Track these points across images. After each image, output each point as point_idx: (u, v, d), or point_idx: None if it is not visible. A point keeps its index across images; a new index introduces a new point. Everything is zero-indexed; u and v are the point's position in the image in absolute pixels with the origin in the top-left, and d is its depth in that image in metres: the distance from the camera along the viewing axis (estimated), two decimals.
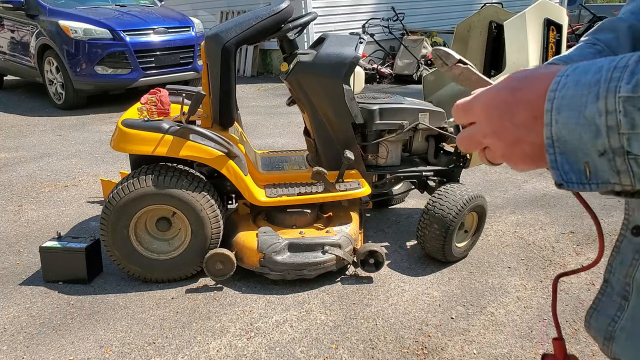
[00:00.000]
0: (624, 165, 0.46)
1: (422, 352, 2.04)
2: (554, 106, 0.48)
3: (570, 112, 0.47)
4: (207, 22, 9.52)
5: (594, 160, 0.47)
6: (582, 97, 0.47)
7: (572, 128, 0.47)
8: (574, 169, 0.49)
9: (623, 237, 0.64)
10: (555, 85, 0.49)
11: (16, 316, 2.31)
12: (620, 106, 0.44)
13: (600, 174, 0.48)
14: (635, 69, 0.44)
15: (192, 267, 2.49)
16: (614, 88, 0.44)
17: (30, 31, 6.78)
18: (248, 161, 2.59)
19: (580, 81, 0.47)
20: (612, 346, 0.64)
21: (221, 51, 2.40)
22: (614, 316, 0.64)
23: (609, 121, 0.45)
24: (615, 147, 0.45)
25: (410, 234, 3.01)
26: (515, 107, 0.52)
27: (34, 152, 4.84)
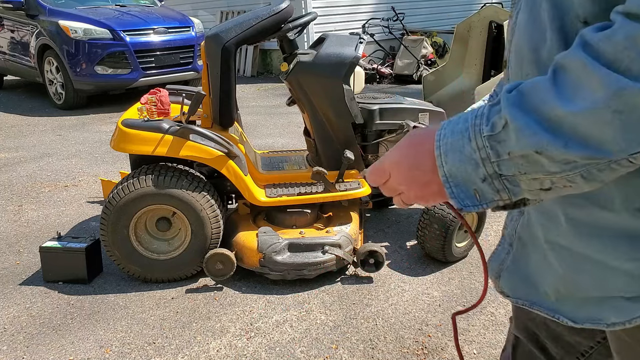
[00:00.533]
0: (500, 185, 0.61)
1: (422, 352, 2.04)
2: (441, 152, 0.64)
3: (453, 154, 0.63)
4: (207, 22, 9.51)
5: (479, 186, 0.62)
6: (459, 141, 0.62)
7: (458, 165, 0.63)
8: (467, 196, 0.64)
9: None
10: (438, 136, 0.65)
11: (16, 316, 2.31)
12: (486, 143, 0.60)
13: (486, 195, 0.63)
14: (489, 114, 0.60)
15: (192, 267, 2.50)
16: (478, 130, 0.61)
17: (30, 31, 6.78)
18: (248, 161, 2.59)
19: (454, 130, 0.63)
20: (499, 282, 0.84)
21: (221, 51, 2.40)
22: (502, 259, 0.84)
23: (481, 155, 0.60)
24: (491, 172, 0.61)
25: (410, 234, 3.01)
26: (421, 158, 0.67)
27: (34, 152, 4.84)
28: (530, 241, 0.79)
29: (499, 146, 0.59)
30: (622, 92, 0.50)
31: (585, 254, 0.70)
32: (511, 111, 0.57)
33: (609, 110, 0.51)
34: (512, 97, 0.58)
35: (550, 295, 0.76)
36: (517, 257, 0.81)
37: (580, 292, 0.72)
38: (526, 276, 0.79)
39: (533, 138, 0.56)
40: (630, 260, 0.66)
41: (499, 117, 0.59)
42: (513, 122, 0.57)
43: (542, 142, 0.55)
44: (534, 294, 0.78)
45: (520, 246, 0.81)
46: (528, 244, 0.79)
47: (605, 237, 0.67)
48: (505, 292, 0.83)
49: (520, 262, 0.80)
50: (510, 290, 0.82)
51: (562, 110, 0.54)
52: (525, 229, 0.80)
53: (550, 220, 0.73)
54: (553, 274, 0.75)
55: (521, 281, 0.80)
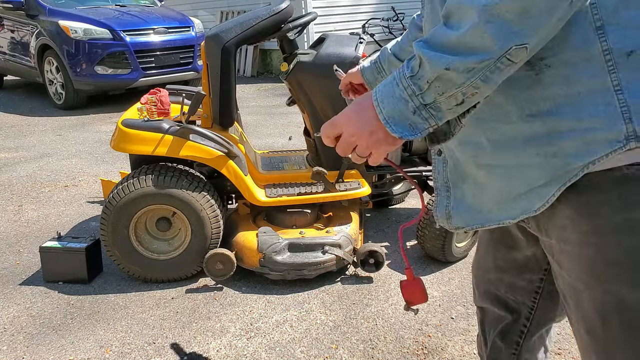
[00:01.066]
0: (427, 113, 0.77)
1: (422, 352, 2.04)
2: (378, 102, 0.80)
3: (387, 99, 0.79)
4: (207, 22, 9.51)
5: (412, 119, 0.78)
6: (390, 89, 0.79)
7: (392, 107, 0.78)
8: (404, 129, 0.79)
9: (434, 159, 1.04)
10: (374, 93, 0.82)
11: (16, 316, 2.31)
12: (409, 82, 0.76)
13: (418, 125, 0.78)
14: (408, 63, 0.78)
15: (192, 267, 2.50)
16: (402, 75, 0.77)
17: (30, 31, 6.78)
18: (248, 161, 2.59)
19: (385, 84, 0.81)
20: (451, 221, 1.02)
21: (221, 51, 2.40)
22: (446, 204, 1.03)
23: (408, 92, 0.76)
24: (417, 104, 0.76)
25: (410, 234, 3.01)
26: (365, 112, 0.82)
27: (34, 152, 4.84)
28: (461, 179, 0.99)
29: (419, 81, 0.75)
30: (485, 7, 0.69)
31: (508, 163, 0.88)
32: (422, 50, 0.75)
33: (482, 23, 0.69)
34: (421, 43, 0.76)
35: (492, 209, 0.94)
36: (456, 196, 1.00)
37: (512, 194, 0.90)
38: (469, 206, 0.98)
39: (441, 60, 0.73)
40: (535, 155, 0.83)
41: (415, 59, 0.76)
42: (425, 56, 0.74)
43: (448, 60, 0.72)
44: (480, 216, 0.97)
45: (455, 187, 1.00)
46: (460, 182, 0.99)
47: (516, 144, 0.85)
48: (460, 226, 1.01)
49: (460, 198, 1.00)
50: (463, 223, 1.00)
51: (455, 35, 0.72)
52: (454, 172, 1.00)
53: (477, 148, 0.91)
54: (490, 190, 0.93)
55: (467, 212, 0.99)
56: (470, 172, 0.96)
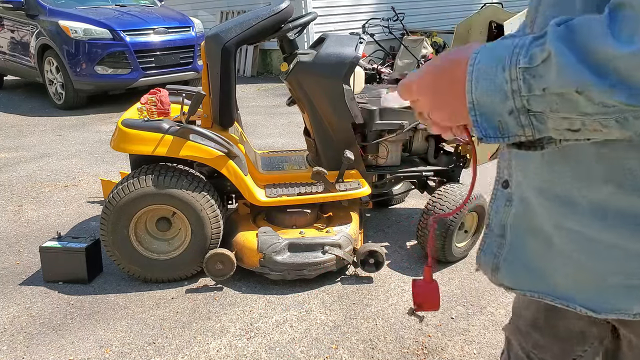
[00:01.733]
0: (526, 120, 0.60)
1: (422, 352, 2.04)
2: (473, 77, 0.62)
3: (485, 81, 0.61)
4: (207, 22, 9.51)
5: (504, 118, 0.61)
6: (492, 68, 0.60)
7: (487, 94, 0.61)
8: (491, 127, 0.62)
9: (496, 190, 0.83)
10: (472, 60, 0.62)
11: (16, 316, 2.31)
12: (520, 75, 0.58)
13: (510, 128, 0.62)
14: (529, 46, 0.57)
15: (192, 267, 2.49)
16: (515, 61, 0.58)
17: (30, 31, 6.78)
18: (248, 161, 2.59)
19: (490, 56, 0.61)
20: (498, 275, 0.82)
21: (221, 51, 2.40)
22: (496, 252, 0.81)
23: (513, 87, 0.59)
24: (519, 107, 0.59)
25: (410, 234, 3.01)
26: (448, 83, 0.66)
27: (34, 152, 4.84)
28: (526, 230, 0.77)
29: (533, 80, 0.57)
30: None
31: (610, 241, 0.66)
32: (557, 46, 0.54)
33: None
34: (560, 31, 0.55)
35: (560, 284, 0.73)
36: (513, 247, 0.79)
37: (602, 280, 0.68)
38: (528, 266, 0.77)
39: (576, 77, 0.53)
40: None
41: (541, 49, 0.56)
42: (557, 57, 0.54)
43: (586, 82, 0.52)
44: (541, 284, 0.75)
45: (515, 236, 0.78)
46: (526, 234, 0.77)
47: (632, 222, 0.64)
48: (506, 285, 0.81)
49: (518, 252, 0.78)
50: (513, 282, 0.80)
51: (615, 51, 0.50)
52: (519, 219, 0.78)
53: (567, 205, 0.69)
54: (564, 261, 0.72)
55: (524, 271, 0.77)
56: (544, 229, 0.73)
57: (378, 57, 8.96)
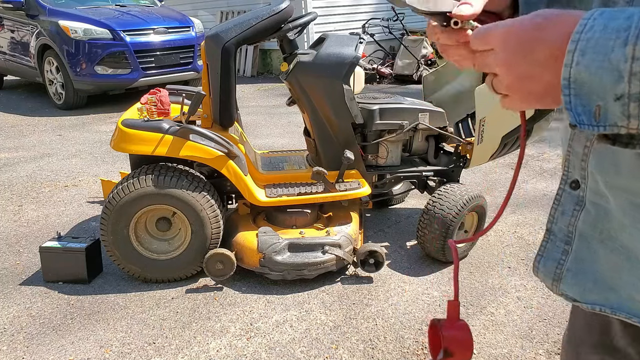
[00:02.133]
0: (636, 110, 0.48)
1: (422, 352, 2.04)
2: (577, 47, 0.50)
3: (594, 55, 0.49)
4: (207, 22, 9.51)
5: (606, 104, 0.50)
6: (609, 41, 0.48)
7: (593, 71, 0.49)
8: (585, 111, 0.51)
9: (562, 191, 0.70)
10: (581, 27, 0.51)
11: (16, 316, 2.31)
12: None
13: (610, 116, 0.50)
14: None
15: (192, 267, 2.49)
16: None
17: (30, 31, 6.78)
18: (248, 161, 2.59)
19: (608, 26, 0.49)
20: (560, 285, 0.71)
21: (221, 51, 2.40)
22: (559, 260, 0.71)
23: (634, 67, 0.47)
24: (634, 92, 0.48)
25: (410, 234, 3.01)
26: (536, 44, 0.54)
27: (34, 152, 4.84)
28: (601, 241, 0.66)
29: None
30: None
31: None
32: None
33: None
34: None
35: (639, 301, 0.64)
36: (580, 256, 0.69)
37: None
38: (599, 278, 0.67)
39: None
40: None
41: None
42: None
43: None
44: (615, 298, 0.66)
45: (584, 245, 0.68)
46: (599, 243, 0.67)
47: None
48: (570, 296, 0.70)
49: (587, 262, 0.68)
50: (579, 294, 0.69)
51: None
52: (591, 227, 0.67)
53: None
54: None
55: (593, 283, 0.68)
56: (627, 245, 0.63)
57: (378, 57, 8.96)
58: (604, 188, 0.63)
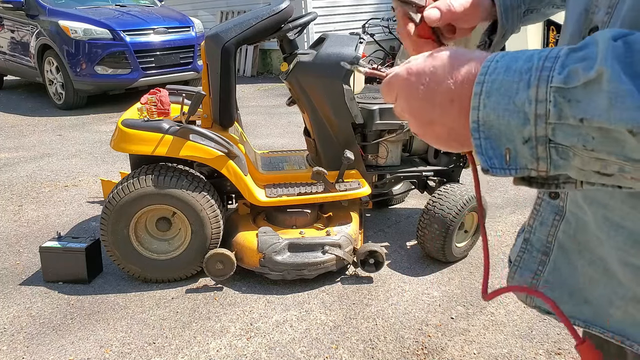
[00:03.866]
0: (544, 153, 0.48)
1: (422, 352, 2.04)
2: (483, 90, 0.49)
3: (499, 97, 0.48)
4: (207, 22, 9.51)
5: (516, 147, 0.49)
6: (512, 83, 0.48)
7: (500, 113, 0.48)
8: (496, 154, 0.50)
9: (541, 200, 0.69)
10: (484, 69, 0.50)
11: (16, 316, 2.31)
12: (550, 96, 0.45)
13: (520, 159, 0.49)
14: (565, 61, 0.45)
15: (192, 267, 2.49)
16: (545, 77, 0.46)
17: (30, 31, 6.78)
18: (248, 161, 2.59)
19: (510, 67, 0.48)
20: (534, 297, 0.69)
21: (221, 51, 2.40)
22: (536, 270, 0.69)
23: (538, 110, 0.46)
24: (540, 135, 0.47)
25: (410, 234, 3.01)
26: (433, 87, 0.53)
27: (34, 152, 4.84)
28: (579, 252, 0.65)
29: (568, 106, 0.45)
30: None
31: None
32: (614, 67, 0.42)
33: None
34: (618, 48, 0.43)
35: (615, 315, 0.62)
36: (558, 267, 0.67)
37: None
38: (575, 290, 0.66)
39: (635, 113, 0.41)
40: None
41: (584, 67, 0.44)
42: (612, 82, 0.42)
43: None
44: (589, 312, 0.65)
45: (562, 256, 0.67)
46: (576, 256, 0.66)
47: None
48: (544, 309, 0.69)
49: (564, 274, 0.67)
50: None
51: None
52: (570, 238, 0.66)
53: (628, 238, 0.58)
54: (623, 294, 0.61)
55: (568, 296, 0.67)
56: (605, 258, 0.63)
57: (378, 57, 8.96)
58: (582, 201, 0.62)
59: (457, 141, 0.55)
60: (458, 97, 0.52)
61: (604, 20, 0.57)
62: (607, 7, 0.57)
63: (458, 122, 0.53)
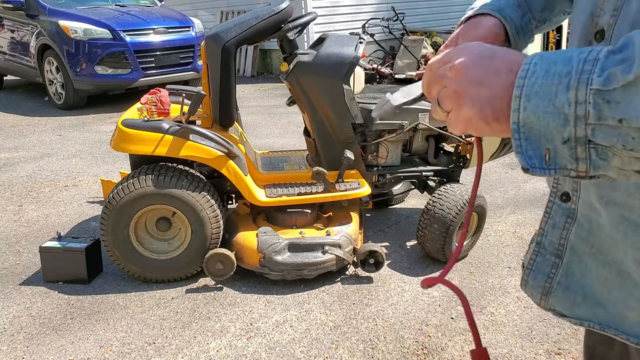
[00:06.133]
0: (583, 154, 0.49)
1: (422, 352, 2.04)
2: (523, 93, 0.51)
3: (539, 100, 0.50)
4: (207, 22, 9.51)
5: (555, 147, 0.50)
6: (552, 86, 0.49)
7: (540, 115, 0.50)
8: (537, 154, 0.51)
9: (552, 204, 0.70)
10: (523, 72, 0.51)
11: (16, 316, 2.31)
12: (590, 98, 0.46)
13: (560, 160, 0.51)
14: (605, 63, 0.46)
15: (192, 267, 2.49)
16: (585, 80, 0.47)
17: (30, 31, 6.78)
18: (248, 161, 2.59)
19: (550, 71, 0.50)
20: (549, 299, 0.71)
21: (221, 51, 2.40)
22: (549, 273, 0.70)
23: (578, 111, 0.47)
24: (580, 136, 0.48)
25: (410, 234, 3.01)
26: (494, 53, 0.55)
27: (34, 152, 4.84)
28: (592, 255, 0.66)
29: (607, 107, 0.46)
30: None
31: None
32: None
33: None
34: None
35: (630, 317, 0.63)
36: (571, 270, 0.68)
37: None
38: (588, 292, 0.67)
39: None
40: None
41: (622, 70, 0.45)
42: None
43: None
44: (603, 314, 0.66)
45: (575, 258, 0.68)
46: (589, 258, 0.66)
47: None
48: (558, 311, 0.70)
49: (577, 276, 0.68)
50: (567, 309, 0.69)
51: None
52: (583, 241, 0.67)
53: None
54: (639, 295, 0.62)
55: (582, 298, 0.67)
56: (619, 260, 0.63)
57: (378, 57, 8.96)
58: (597, 202, 0.63)
59: (491, 112, 0.54)
60: (517, 68, 0.53)
61: (610, 22, 0.59)
62: (613, 9, 0.58)
63: (506, 93, 0.53)
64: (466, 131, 0.58)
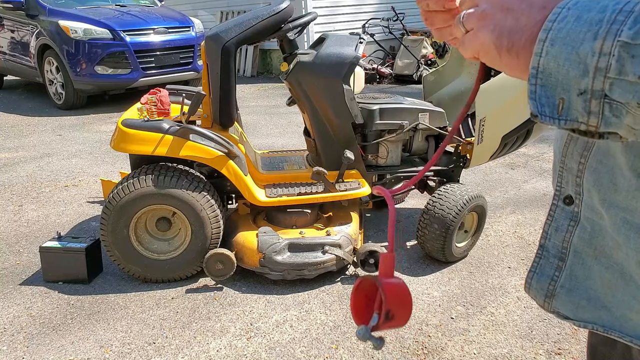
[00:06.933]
0: (597, 108, 0.47)
1: (422, 352, 2.04)
2: (548, 37, 0.49)
3: (563, 46, 0.48)
4: (207, 22, 9.51)
5: (570, 98, 0.48)
6: (579, 33, 0.47)
7: (560, 63, 0.48)
8: (549, 103, 0.50)
9: (556, 207, 0.70)
10: (554, 15, 0.49)
11: (16, 316, 2.31)
12: (615, 50, 0.44)
13: (572, 111, 0.49)
14: (639, 17, 0.44)
15: (192, 267, 2.49)
16: (614, 31, 0.45)
17: (30, 31, 6.78)
18: (248, 161, 2.59)
19: (581, 17, 0.47)
20: (552, 302, 0.70)
21: (221, 51, 2.40)
22: (553, 276, 0.70)
23: (600, 63, 0.45)
24: (597, 89, 0.46)
25: (410, 234, 3.01)
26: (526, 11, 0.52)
27: (34, 152, 4.84)
28: (595, 258, 0.66)
29: (631, 62, 0.44)
30: None
31: None
32: None
33: None
34: None
35: (635, 320, 0.63)
36: (575, 273, 0.68)
37: None
38: (592, 295, 0.67)
39: None
40: None
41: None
42: None
43: None
44: (607, 316, 0.66)
45: (578, 261, 0.68)
46: (592, 261, 0.67)
47: None
48: (562, 314, 0.70)
49: (580, 279, 0.68)
50: (571, 312, 0.69)
51: None
52: (586, 243, 0.67)
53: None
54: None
55: (587, 301, 0.67)
56: (622, 263, 0.64)
57: (378, 57, 8.96)
58: (599, 205, 0.63)
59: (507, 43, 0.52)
60: (551, 5, 0.50)
61: None
62: None
63: (529, 29, 0.51)
64: (476, 55, 0.56)
